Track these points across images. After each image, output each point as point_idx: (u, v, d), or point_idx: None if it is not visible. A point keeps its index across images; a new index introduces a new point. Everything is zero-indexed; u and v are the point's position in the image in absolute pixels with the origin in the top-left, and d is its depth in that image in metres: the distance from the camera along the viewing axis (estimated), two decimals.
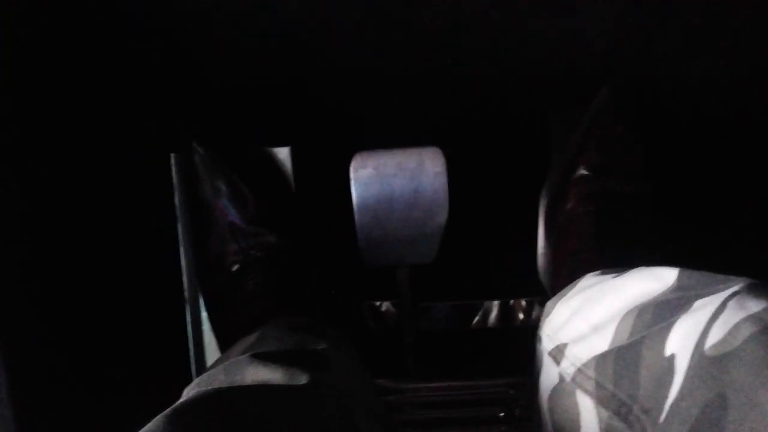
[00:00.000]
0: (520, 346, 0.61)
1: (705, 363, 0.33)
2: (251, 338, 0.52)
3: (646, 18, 0.64)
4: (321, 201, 0.69)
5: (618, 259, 0.56)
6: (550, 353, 0.51)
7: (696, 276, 0.41)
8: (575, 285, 0.55)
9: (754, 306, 0.34)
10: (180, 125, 0.65)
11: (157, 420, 0.34)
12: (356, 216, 0.65)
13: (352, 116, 0.69)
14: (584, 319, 0.49)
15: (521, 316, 0.74)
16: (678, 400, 0.34)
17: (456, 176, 0.65)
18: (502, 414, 0.66)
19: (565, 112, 0.67)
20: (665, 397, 0.35)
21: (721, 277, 0.39)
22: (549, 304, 0.57)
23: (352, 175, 0.64)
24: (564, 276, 0.61)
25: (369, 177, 0.64)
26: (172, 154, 0.64)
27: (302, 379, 0.43)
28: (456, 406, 0.67)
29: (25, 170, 0.50)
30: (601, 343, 0.44)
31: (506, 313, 0.75)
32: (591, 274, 0.55)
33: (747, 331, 0.32)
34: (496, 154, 0.71)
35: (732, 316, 0.34)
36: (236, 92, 0.68)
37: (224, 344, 0.63)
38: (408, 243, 0.66)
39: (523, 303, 0.74)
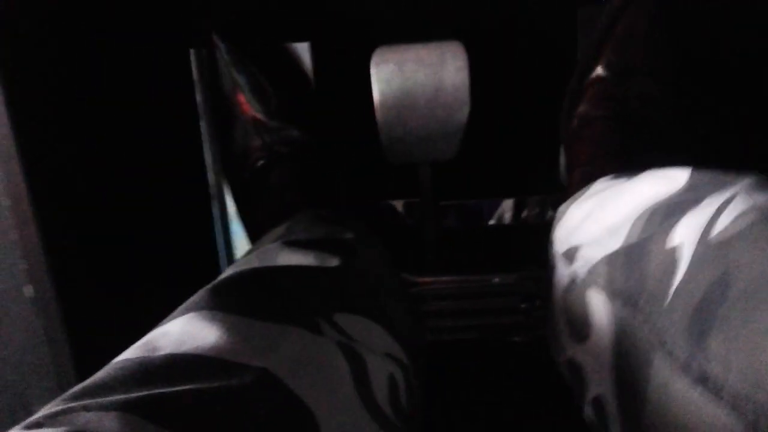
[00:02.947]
0: (535, 242, 0.62)
1: (710, 248, 0.34)
2: (280, 229, 0.53)
3: None
4: (342, 97, 0.69)
5: (633, 163, 0.56)
6: (563, 254, 0.52)
7: (707, 175, 0.42)
8: (588, 189, 0.56)
9: (761, 198, 0.35)
10: (200, 20, 0.64)
11: (201, 292, 0.35)
12: (377, 113, 0.64)
13: (373, 10, 0.68)
14: (596, 222, 0.49)
15: (534, 212, 0.75)
16: (682, 284, 0.35)
17: (477, 71, 0.64)
18: (523, 305, 0.67)
19: (596, 6, 0.66)
20: (670, 284, 0.36)
21: (731, 175, 0.40)
22: (561, 207, 0.58)
23: (372, 70, 0.63)
24: (577, 181, 0.61)
25: (390, 72, 0.63)
26: (192, 50, 0.64)
27: (333, 262, 0.44)
28: (475, 298, 0.69)
29: (50, 69, 0.50)
30: (614, 244, 0.45)
31: (520, 210, 0.75)
32: (604, 178, 0.56)
33: (752, 217, 0.33)
34: (521, 49, 0.70)
35: (738, 206, 0.35)
36: None
37: (253, 237, 0.65)
38: (430, 140, 0.66)
39: (537, 201, 0.75)
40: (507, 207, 0.75)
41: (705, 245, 0.35)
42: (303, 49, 0.66)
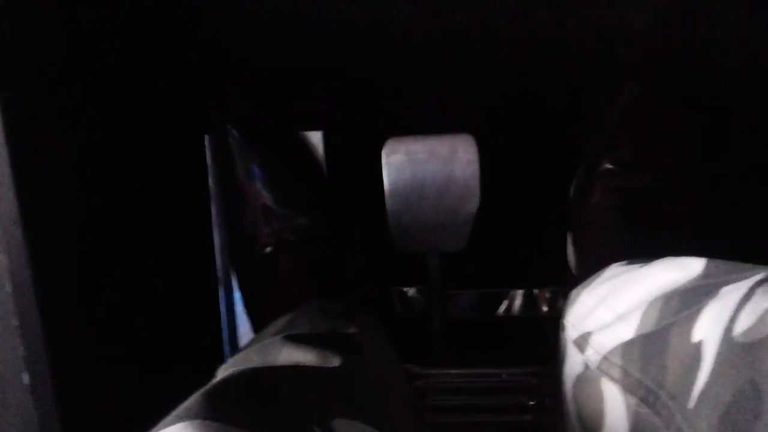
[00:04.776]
0: (544, 335, 0.61)
1: (735, 349, 0.33)
2: (284, 320, 0.52)
3: (684, 10, 0.63)
4: (353, 186, 0.69)
5: (642, 253, 0.56)
6: (574, 342, 0.51)
7: (723, 265, 0.41)
8: (600, 274, 0.55)
9: None
10: (215, 107, 0.65)
11: (196, 397, 0.34)
12: (387, 202, 0.65)
13: (385, 101, 0.69)
14: (609, 308, 0.48)
15: (545, 306, 0.74)
16: (707, 387, 0.33)
17: (487, 163, 0.65)
18: (531, 403, 0.66)
19: (601, 102, 0.67)
20: (693, 383, 0.35)
21: (748, 265, 0.39)
22: (573, 293, 0.57)
23: (384, 160, 0.64)
24: (588, 268, 0.61)
25: (401, 163, 0.64)
26: (207, 136, 0.64)
27: (335, 362, 0.43)
28: (481, 393, 0.68)
29: (61, 151, 0.51)
30: (627, 331, 0.44)
31: (530, 302, 0.74)
32: (617, 264, 0.55)
33: None
34: (529, 143, 0.71)
35: (761, 302, 0.33)
36: (270, 76, 0.68)
37: (257, 325, 0.64)
38: (439, 230, 0.66)
39: (548, 293, 0.74)
40: (516, 298, 0.75)
41: (729, 345, 0.33)
42: (316, 138, 0.67)
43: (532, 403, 0.66)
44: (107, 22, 0.57)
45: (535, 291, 0.74)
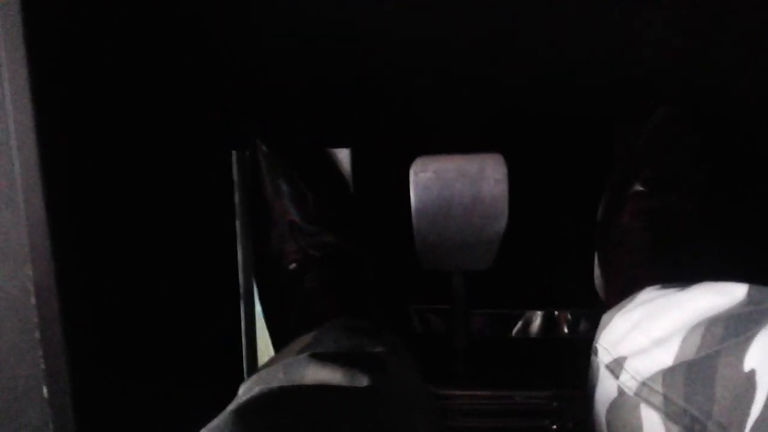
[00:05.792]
0: (566, 358, 0.60)
1: None
2: (308, 338, 0.52)
3: (715, 33, 0.62)
4: (379, 203, 0.69)
5: (674, 275, 0.55)
6: (607, 366, 0.51)
7: (767, 291, 0.40)
8: (635, 298, 0.54)
9: None
10: (243, 123, 0.65)
11: (224, 416, 0.34)
12: (414, 219, 0.64)
13: (414, 119, 0.69)
14: (645, 333, 0.48)
15: (566, 328, 0.73)
16: (763, 418, 0.33)
17: (516, 183, 0.64)
18: (554, 427, 0.64)
19: (632, 123, 0.66)
20: (746, 414, 0.34)
21: None
22: (606, 316, 0.56)
23: (412, 178, 0.63)
24: (618, 290, 0.60)
25: (429, 181, 0.63)
26: (234, 152, 0.64)
27: (362, 381, 0.43)
28: (504, 416, 0.66)
29: (90, 164, 0.51)
30: (666, 357, 0.43)
31: (551, 324, 0.73)
32: (651, 287, 0.54)
33: None
34: (558, 163, 0.70)
35: None
36: (299, 92, 0.68)
37: (278, 342, 0.64)
38: (465, 249, 0.65)
39: (569, 315, 0.73)
40: (535, 319, 0.74)
41: None
42: (344, 155, 0.67)
43: (555, 426, 0.64)
44: (135, 38, 0.57)
45: (556, 312, 0.73)
